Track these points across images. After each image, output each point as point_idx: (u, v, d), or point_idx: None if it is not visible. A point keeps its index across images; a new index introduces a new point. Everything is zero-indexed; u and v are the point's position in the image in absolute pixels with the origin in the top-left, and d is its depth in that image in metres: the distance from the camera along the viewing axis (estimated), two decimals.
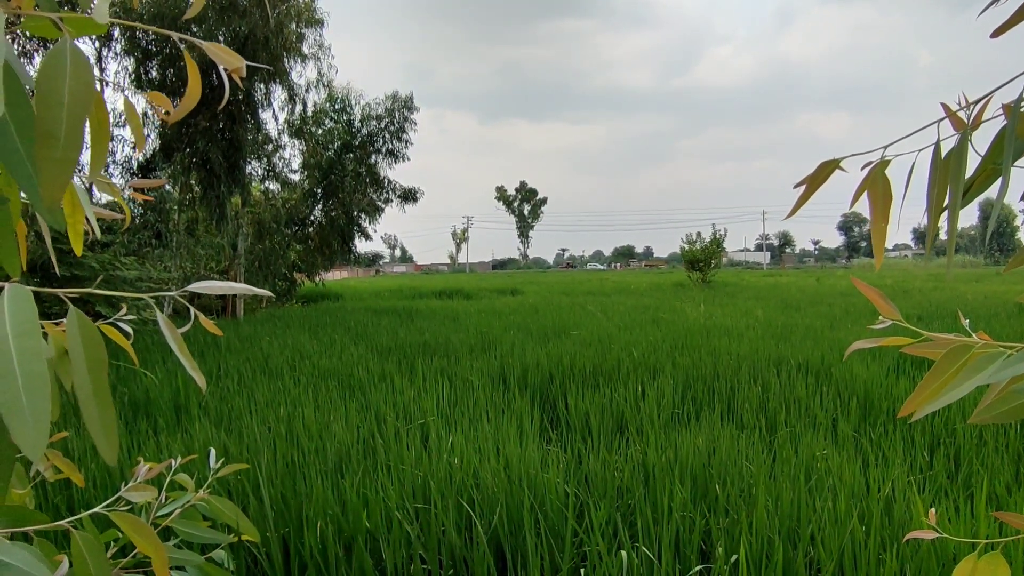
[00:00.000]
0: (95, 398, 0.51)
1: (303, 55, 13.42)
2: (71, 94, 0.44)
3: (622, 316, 11.37)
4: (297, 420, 3.76)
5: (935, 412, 4.46)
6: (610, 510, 2.24)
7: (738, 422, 4.34)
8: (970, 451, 3.63)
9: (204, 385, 0.64)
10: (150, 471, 1.12)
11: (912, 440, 3.94)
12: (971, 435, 3.86)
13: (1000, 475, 3.23)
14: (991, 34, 0.95)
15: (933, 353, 0.94)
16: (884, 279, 27.85)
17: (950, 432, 4.00)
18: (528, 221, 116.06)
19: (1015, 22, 0.90)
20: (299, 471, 2.72)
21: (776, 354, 6.54)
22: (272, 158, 14.60)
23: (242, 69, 0.61)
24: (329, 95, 16.39)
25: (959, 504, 2.67)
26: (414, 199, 18.23)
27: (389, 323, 10.75)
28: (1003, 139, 0.89)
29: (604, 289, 23.08)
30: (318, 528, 2.07)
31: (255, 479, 2.41)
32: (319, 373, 5.94)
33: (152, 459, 2.67)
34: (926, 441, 3.84)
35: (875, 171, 0.66)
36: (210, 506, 1.38)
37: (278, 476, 2.53)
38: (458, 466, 2.65)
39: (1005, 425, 3.88)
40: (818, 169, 0.70)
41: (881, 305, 0.91)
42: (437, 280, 41.30)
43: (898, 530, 2.36)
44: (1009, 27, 0.90)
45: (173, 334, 0.61)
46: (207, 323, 0.67)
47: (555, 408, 4.84)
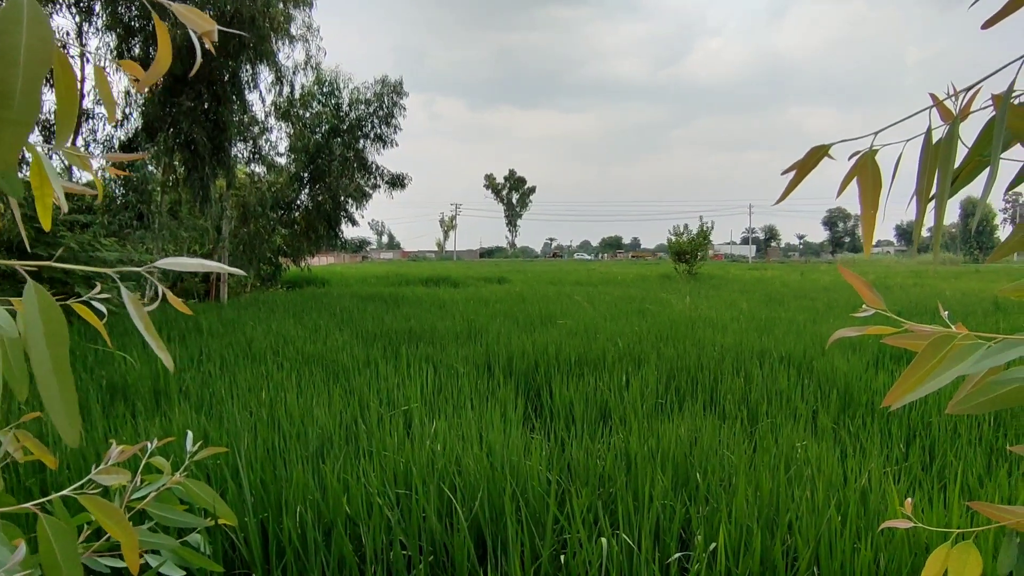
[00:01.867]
0: (55, 375, 0.49)
1: (291, 36, 13.20)
2: (27, 51, 0.42)
3: (608, 306, 11.40)
4: (279, 405, 3.73)
5: (912, 405, 4.53)
6: (591, 498, 2.25)
7: (720, 413, 4.38)
8: (944, 443, 3.70)
9: (171, 366, 0.62)
10: (123, 453, 1.09)
11: (889, 432, 4.01)
12: (946, 428, 3.93)
13: (973, 466, 3.29)
14: (981, 25, 0.94)
15: (913, 344, 0.95)
16: (866, 274, 28.20)
17: (926, 425, 4.07)
18: (516, 210, 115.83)
19: (1006, 13, 0.90)
20: (280, 456, 2.70)
21: (759, 346, 6.60)
22: (258, 140, 14.38)
23: (213, 33, 0.58)
24: (317, 78, 16.18)
25: (932, 495, 2.72)
26: (402, 185, 18.12)
27: (375, 309, 10.69)
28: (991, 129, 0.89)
29: (591, 279, 23.13)
30: (297, 513, 2.06)
31: (234, 464, 2.39)
32: (303, 358, 5.89)
33: (129, 443, 2.64)
34: (903, 433, 3.91)
35: (865, 157, 0.65)
36: (186, 490, 1.35)
37: (258, 461, 2.51)
38: (441, 452, 2.64)
39: (979, 418, 3.96)
40: (808, 155, 0.69)
41: (865, 294, 0.91)
42: (424, 267, 41.13)
43: (873, 519, 2.40)
44: (1000, 18, 0.89)
45: (139, 313, 0.58)
46: (175, 301, 0.65)
47: (539, 396, 4.86)
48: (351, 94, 17.16)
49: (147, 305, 0.61)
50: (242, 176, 15.79)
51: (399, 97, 17.45)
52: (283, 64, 13.47)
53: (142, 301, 0.64)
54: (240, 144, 13.92)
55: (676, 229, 27.10)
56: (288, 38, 12.98)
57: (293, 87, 14.62)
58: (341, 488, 2.22)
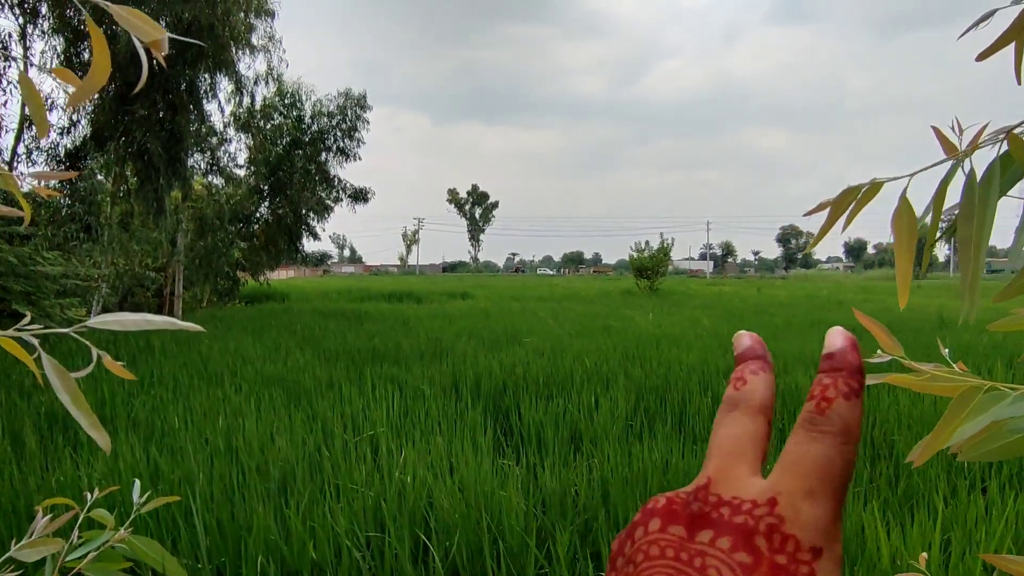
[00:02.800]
0: None
1: (252, 46, 12.93)
2: None
3: (573, 323, 11.40)
4: (238, 433, 3.52)
5: (874, 424, 4.60)
6: (571, 535, 2.16)
7: (690, 433, 4.36)
8: (908, 464, 3.75)
9: (108, 446, 0.51)
10: (52, 523, 0.95)
11: None
12: (908, 449, 4.00)
13: (938, 486, 3.34)
14: (976, 57, 0.92)
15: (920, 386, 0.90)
16: (820, 290, 29.12)
17: (889, 444, 4.14)
18: (479, 224, 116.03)
19: (999, 47, 0.87)
20: (239, 492, 2.52)
21: (725, 365, 6.66)
22: (216, 152, 13.98)
23: (164, 43, 0.48)
24: (279, 89, 15.88)
25: (903, 519, 2.73)
26: (365, 199, 17.88)
27: (337, 326, 10.42)
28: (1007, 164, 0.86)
29: (554, 295, 23.20)
30: (258, 563, 1.90)
31: (188, 503, 2.21)
32: (262, 380, 5.65)
33: (69, 483, 2.42)
34: (867, 454, 3.95)
35: (902, 206, 0.60)
36: (132, 547, 1.21)
37: (214, 499, 2.33)
38: (411, 485, 2.51)
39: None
40: (840, 196, 0.64)
41: (883, 339, 0.86)
42: (387, 282, 40.60)
43: (850, 542, 2.38)
44: (993, 51, 0.87)
45: (65, 385, 0.48)
46: (113, 366, 0.54)
47: (508, 418, 4.76)
48: (313, 106, 16.90)
49: (76, 372, 0.51)
50: (199, 188, 15.30)
51: (363, 110, 17.27)
52: (243, 74, 13.16)
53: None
54: (197, 155, 13.50)
55: (638, 245, 27.52)
56: (249, 48, 12.70)
57: (254, 98, 14.31)
58: (306, 531, 2.07)
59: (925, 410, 4.63)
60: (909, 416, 4.55)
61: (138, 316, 0.55)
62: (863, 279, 63.27)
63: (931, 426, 1.82)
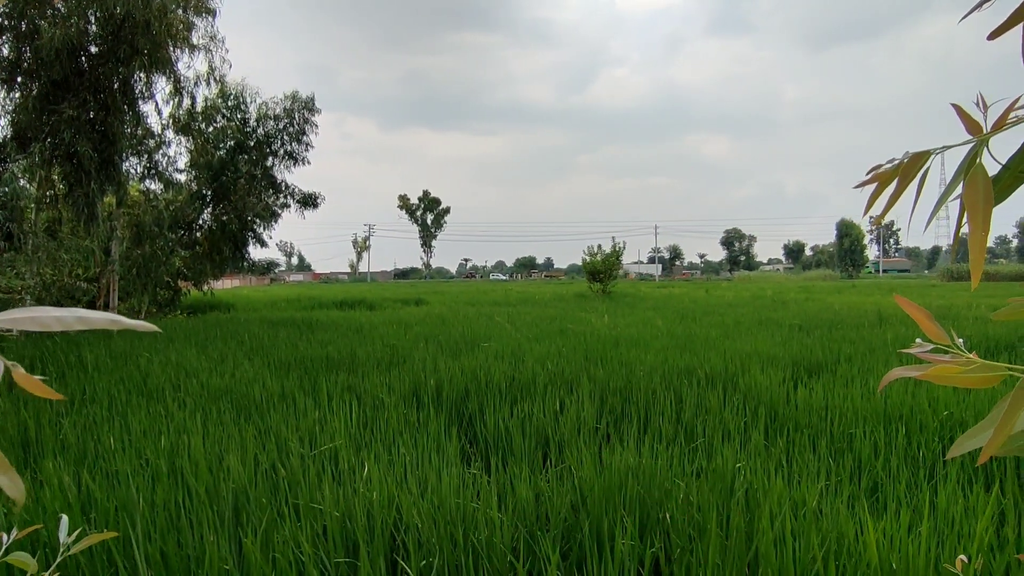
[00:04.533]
0: None
1: (192, 45, 12.35)
2: None
3: (530, 327, 11.34)
4: (183, 452, 3.25)
5: (834, 420, 4.68)
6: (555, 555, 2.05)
7: (657, 434, 4.33)
8: (869, 457, 3.82)
9: (21, 497, 0.37)
10: None
11: (814, 448, 4.10)
12: (867, 442, 4.08)
13: (900, 477, 3.41)
14: (988, 36, 0.87)
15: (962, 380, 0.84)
16: (765, 291, 30.14)
17: (847, 439, 4.21)
18: (431, 230, 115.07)
19: (1011, 25, 0.83)
20: (186, 518, 2.29)
21: (683, 364, 6.71)
22: (154, 155, 13.27)
23: None
24: (221, 90, 15.25)
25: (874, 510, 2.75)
26: (314, 204, 17.37)
27: (288, 335, 10.01)
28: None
29: (509, 299, 23.15)
30: None
31: (127, 533, 1.98)
32: (209, 394, 5.31)
33: None
34: (830, 449, 4.01)
35: (975, 170, 0.52)
36: None
37: (157, 528, 2.10)
38: (378, 502, 2.35)
39: (896, 432, 4.14)
40: (911, 159, 0.56)
41: (928, 327, 0.79)
42: (337, 289, 39.65)
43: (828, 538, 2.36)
44: (1005, 30, 0.82)
45: None
46: (27, 381, 0.40)
47: (472, 425, 4.62)
48: (259, 109, 16.32)
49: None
50: (135, 193, 14.50)
51: (311, 113, 16.79)
52: (183, 74, 12.58)
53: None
54: (133, 158, 12.80)
55: (590, 249, 27.83)
56: (189, 47, 12.13)
57: (194, 99, 13.68)
58: (267, 562, 1.88)
59: (876, 406, 4.76)
60: (864, 412, 4.66)
61: (65, 312, 0.41)
62: (802, 279, 66.05)
63: (885, 420, 1.78)
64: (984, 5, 0.94)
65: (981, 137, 0.70)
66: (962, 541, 2.23)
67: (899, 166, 0.68)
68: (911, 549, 2.02)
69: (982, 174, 0.56)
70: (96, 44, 10.40)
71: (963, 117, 0.75)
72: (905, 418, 4.44)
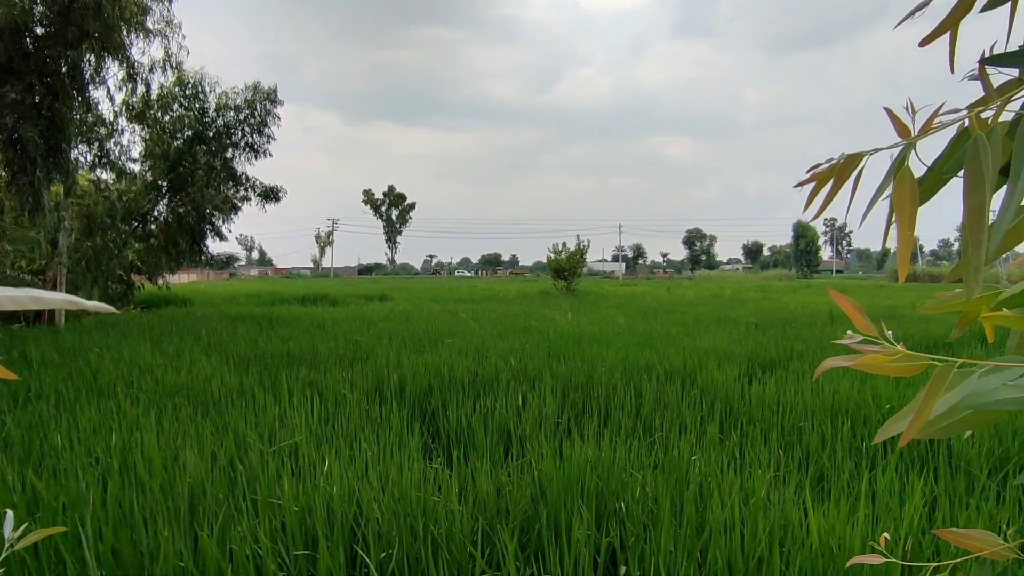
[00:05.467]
0: None
1: (148, 30, 11.93)
2: None
3: (494, 324, 11.38)
4: (135, 450, 3.17)
5: (784, 413, 4.86)
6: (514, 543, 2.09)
7: (617, 428, 4.43)
8: (816, 449, 3.99)
9: None
10: None
11: (766, 441, 4.26)
12: (815, 435, 4.26)
13: (844, 467, 3.58)
14: (919, 43, 0.95)
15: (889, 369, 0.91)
16: (724, 290, 30.89)
17: (797, 432, 4.39)
18: (396, 226, 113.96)
19: (940, 33, 0.91)
20: (139, 515, 2.24)
21: (643, 361, 6.86)
22: (106, 143, 12.77)
23: None
24: (178, 78, 14.77)
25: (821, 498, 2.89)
26: (276, 198, 17.02)
27: (247, 331, 9.81)
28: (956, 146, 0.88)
29: (474, 296, 23.15)
30: None
31: (77, 532, 1.93)
32: (164, 390, 5.18)
33: None
34: (781, 441, 4.17)
35: (902, 172, 0.57)
36: None
37: (110, 525, 2.05)
38: (338, 495, 2.35)
39: (842, 425, 4.33)
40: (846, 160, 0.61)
41: (858, 320, 0.86)
42: (299, 285, 38.93)
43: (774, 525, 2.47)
44: (935, 37, 0.90)
45: None
46: None
47: (435, 420, 4.64)
48: (218, 99, 15.88)
49: None
50: (85, 183, 13.94)
51: (273, 105, 16.43)
52: (137, 60, 12.13)
53: None
54: (83, 146, 12.30)
55: (555, 247, 28.04)
56: (143, 32, 11.71)
57: (149, 86, 13.21)
58: (223, 554, 1.86)
59: (824, 400, 4.97)
60: (813, 406, 4.86)
61: (19, 291, 0.42)
62: (760, 279, 68.00)
63: (832, 414, 1.91)
64: (916, 14, 1.03)
65: (909, 140, 0.76)
66: (895, 524, 2.36)
67: (835, 166, 0.74)
68: (849, 533, 2.14)
69: (908, 176, 0.62)
70: (42, 25, 9.96)
71: (894, 121, 0.82)
72: (850, 412, 4.65)
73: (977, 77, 0.95)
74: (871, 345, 0.89)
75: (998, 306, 1.00)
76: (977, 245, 0.49)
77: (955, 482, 3.29)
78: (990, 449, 3.74)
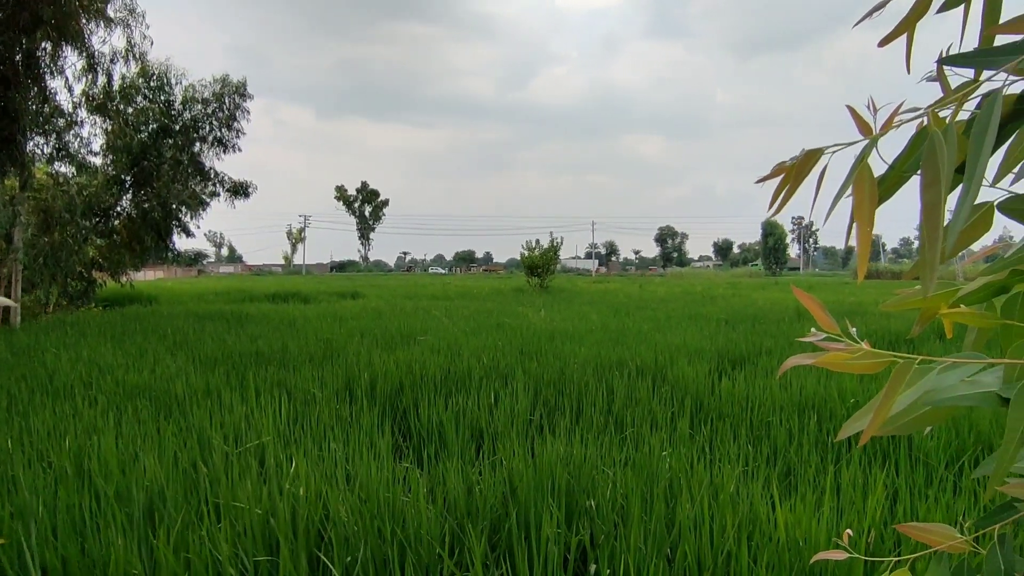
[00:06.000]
0: None
1: (109, 18, 11.55)
2: None
3: (467, 321, 11.34)
4: (91, 453, 3.06)
5: (753, 409, 4.93)
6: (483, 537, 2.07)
7: (588, 424, 4.44)
8: (784, 443, 4.06)
9: None
10: None
11: (735, 436, 4.32)
12: (782, 430, 4.33)
13: (810, 461, 3.64)
14: (878, 43, 0.96)
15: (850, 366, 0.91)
16: (695, 287, 31.30)
17: (766, 427, 4.46)
18: (369, 223, 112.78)
19: (898, 34, 0.91)
20: (91, 523, 2.15)
21: (615, 357, 6.90)
22: (64, 135, 12.33)
23: None
24: (142, 69, 14.33)
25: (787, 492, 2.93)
26: (245, 194, 16.66)
27: (215, 329, 9.59)
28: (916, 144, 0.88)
29: (447, 293, 23.03)
30: None
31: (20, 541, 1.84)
32: (125, 391, 5.02)
33: None
34: (750, 436, 4.23)
35: (861, 168, 0.57)
36: None
37: (59, 534, 1.97)
38: (304, 497, 2.29)
39: (808, 419, 4.42)
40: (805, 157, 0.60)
41: (821, 317, 0.86)
42: (270, 282, 38.24)
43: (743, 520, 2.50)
44: (894, 38, 0.91)
45: None
46: None
47: (407, 418, 4.59)
48: (185, 92, 15.46)
49: None
50: (43, 176, 13.44)
51: (242, 99, 16.08)
52: (98, 49, 11.73)
53: None
54: (40, 138, 11.85)
55: (529, 244, 28.07)
56: (104, 20, 11.33)
57: (111, 77, 12.80)
58: (180, 564, 1.80)
59: (792, 395, 5.06)
60: (781, 401, 4.95)
61: None
62: (730, 276, 69.22)
63: (799, 409, 1.93)
64: (875, 15, 1.03)
65: (871, 137, 0.76)
66: (859, 518, 2.41)
67: (789, 166, 0.73)
68: (815, 526, 2.17)
69: (867, 175, 0.61)
70: None
71: (856, 118, 0.82)
72: (817, 407, 4.74)
73: (933, 79, 0.96)
74: (836, 342, 0.90)
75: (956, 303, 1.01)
76: (933, 242, 0.48)
77: (915, 474, 3.38)
78: (947, 441, 3.85)
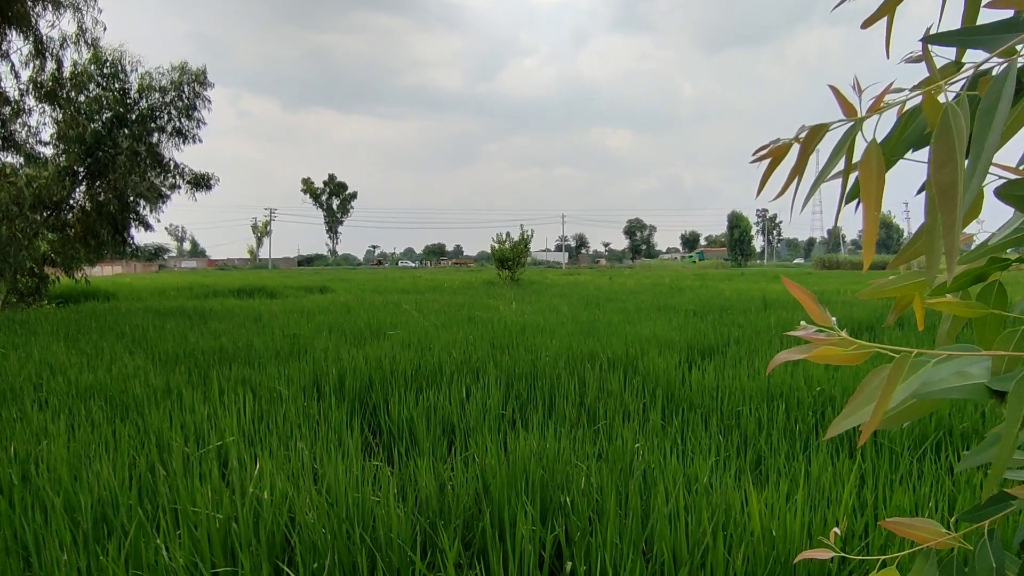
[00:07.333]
0: None
1: (57, 2, 11.03)
2: None
3: (438, 314, 11.23)
4: (38, 460, 2.89)
5: (724, 399, 4.98)
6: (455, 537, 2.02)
7: (561, 418, 4.42)
8: (754, 432, 4.10)
9: None
10: None
11: (706, 426, 4.36)
12: (752, 419, 4.38)
13: (780, 450, 3.68)
14: (861, 24, 0.92)
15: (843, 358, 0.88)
16: (663, 278, 31.68)
17: (736, 417, 4.50)
18: (337, 216, 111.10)
19: (881, 15, 0.88)
20: (35, 539, 2.02)
21: (586, 349, 6.90)
22: (10, 124, 11.75)
23: None
24: (95, 55, 13.72)
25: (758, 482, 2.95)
26: (207, 186, 16.17)
27: (176, 326, 9.28)
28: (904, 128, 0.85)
29: (417, 287, 22.82)
30: None
31: None
32: (77, 392, 4.80)
33: None
34: (720, 426, 4.26)
35: (870, 149, 0.52)
36: None
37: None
38: (269, 501, 2.20)
39: (777, 408, 4.48)
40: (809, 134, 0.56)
41: (812, 309, 0.82)
42: (235, 277, 37.34)
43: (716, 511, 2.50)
44: (877, 19, 0.88)
45: None
46: None
47: (376, 415, 4.49)
48: (141, 79, 14.87)
49: None
50: None
51: (203, 87, 15.55)
52: (46, 34, 11.19)
53: None
54: None
55: (499, 237, 28.02)
56: (52, 3, 10.81)
57: (61, 63, 12.25)
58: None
59: (760, 384, 5.12)
60: (750, 390, 5.01)
61: None
62: (698, 267, 70.41)
63: (768, 398, 1.89)
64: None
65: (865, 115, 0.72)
66: (831, 506, 2.43)
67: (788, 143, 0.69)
68: (788, 516, 2.18)
69: (875, 152, 0.56)
70: None
71: (840, 99, 0.78)
72: (785, 395, 4.81)
73: (915, 60, 0.93)
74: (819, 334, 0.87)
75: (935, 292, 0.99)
76: (951, 226, 0.44)
77: (880, 460, 3.45)
78: (910, 428, 3.94)
